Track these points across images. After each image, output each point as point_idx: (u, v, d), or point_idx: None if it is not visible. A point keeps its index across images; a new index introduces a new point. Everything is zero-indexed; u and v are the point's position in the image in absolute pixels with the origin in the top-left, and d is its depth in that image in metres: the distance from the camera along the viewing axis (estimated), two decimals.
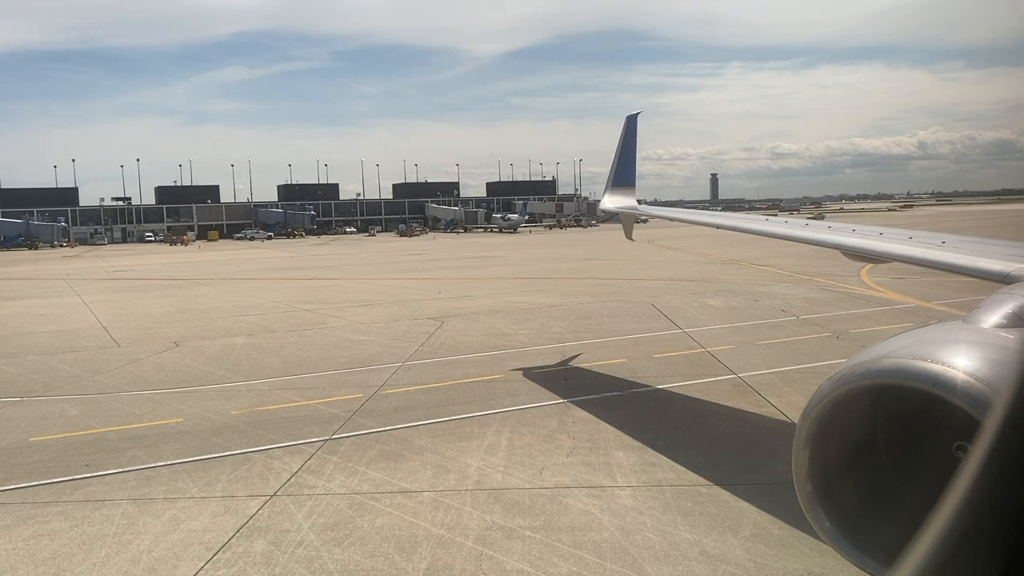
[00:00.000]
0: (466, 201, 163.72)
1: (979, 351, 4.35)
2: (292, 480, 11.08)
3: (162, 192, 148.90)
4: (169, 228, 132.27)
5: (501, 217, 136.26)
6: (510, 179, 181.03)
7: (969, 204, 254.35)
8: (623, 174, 19.87)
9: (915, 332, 5.00)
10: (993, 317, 5.19)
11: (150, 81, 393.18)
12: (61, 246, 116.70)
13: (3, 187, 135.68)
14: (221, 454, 12.41)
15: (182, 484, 11.10)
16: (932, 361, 4.25)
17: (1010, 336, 4.74)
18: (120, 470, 11.78)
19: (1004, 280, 7.33)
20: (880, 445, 5.10)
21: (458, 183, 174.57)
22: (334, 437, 13.09)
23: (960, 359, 4.22)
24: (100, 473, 11.68)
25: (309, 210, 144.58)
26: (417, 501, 10.15)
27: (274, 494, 10.54)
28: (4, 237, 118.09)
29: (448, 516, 9.60)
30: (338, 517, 9.68)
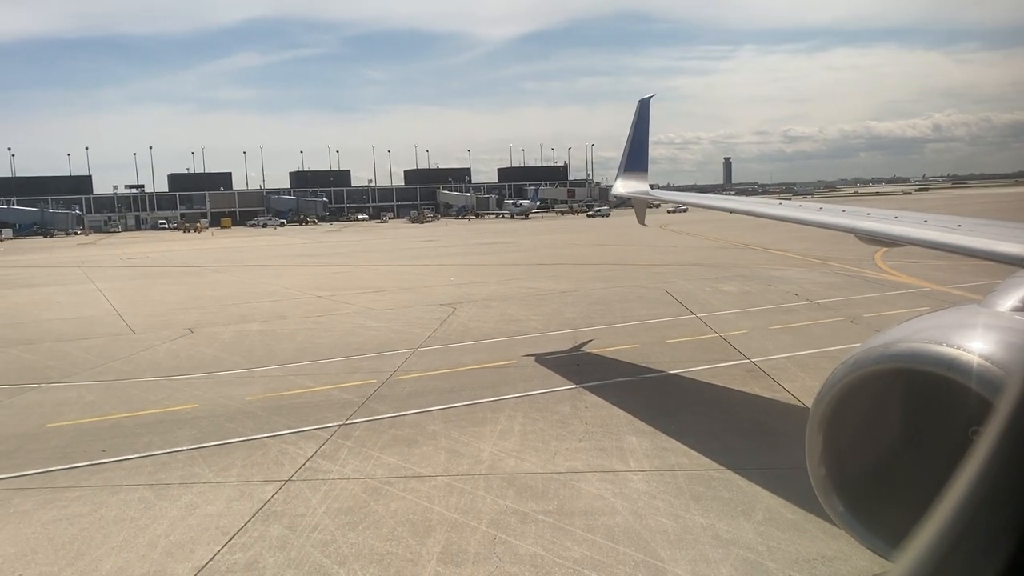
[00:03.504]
0: (478, 187, 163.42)
1: (995, 335, 4.32)
2: (307, 465, 11.15)
3: (175, 179, 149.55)
4: (182, 215, 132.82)
5: (513, 203, 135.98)
6: (522, 165, 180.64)
7: (985, 187, 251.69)
8: (635, 159, 19.78)
9: (930, 316, 4.97)
10: (1010, 301, 5.14)
11: (162, 69, 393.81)
12: (75, 234, 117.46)
13: (18, 175, 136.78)
14: (236, 439, 12.51)
15: (198, 469, 11.20)
16: (947, 345, 4.22)
17: None
18: (137, 455, 11.89)
19: (1021, 264, 7.26)
20: (894, 429, 5.08)
21: (469, 169, 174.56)
22: (348, 422, 13.16)
23: (976, 343, 4.19)
24: (117, 458, 11.79)
25: (321, 197, 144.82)
26: (431, 486, 10.20)
27: (289, 479, 10.62)
28: (20, 225, 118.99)
29: (462, 500, 9.65)
30: (352, 502, 9.75)
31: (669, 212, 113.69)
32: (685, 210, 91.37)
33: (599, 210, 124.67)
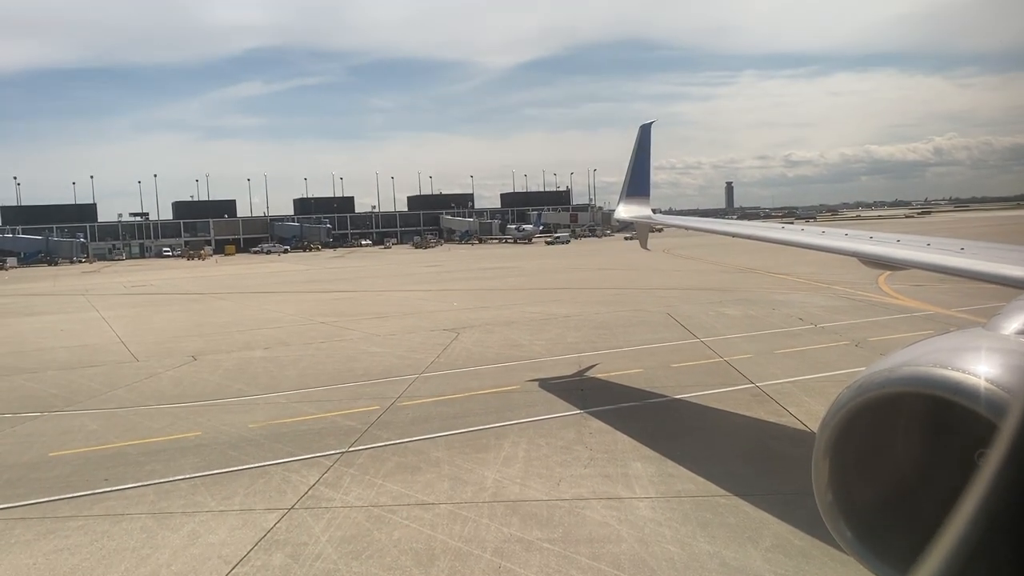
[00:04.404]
0: (480, 212, 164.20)
1: (1000, 358, 4.29)
2: (310, 493, 11.09)
3: (179, 207, 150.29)
4: (186, 243, 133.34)
5: (516, 228, 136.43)
6: (524, 190, 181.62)
7: (988, 210, 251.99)
8: (637, 184, 19.85)
9: (935, 339, 4.95)
10: (1014, 323, 5.12)
11: (167, 98, 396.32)
12: (80, 262, 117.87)
13: (24, 204, 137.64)
14: (239, 467, 12.45)
15: (200, 498, 11.14)
16: (952, 368, 4.20)
17: None
18: (139, 484, 11.84)
19: None
20: (901, 454, 5.04)
21: (472, 194, 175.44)
22: (351, 450, 13.11)
23: (981, 366, 4.17)
24: (119, 487, 11.74)
25: (325, 223, 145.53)
26: (434, 513, 10.13)
27: (292, 507, 10.56)
28: (24, 253, 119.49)
29: (466, 528, 9.58)
30: (356, 530, 9.68)
31: (626, 239, 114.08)
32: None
33: (558, 237, 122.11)
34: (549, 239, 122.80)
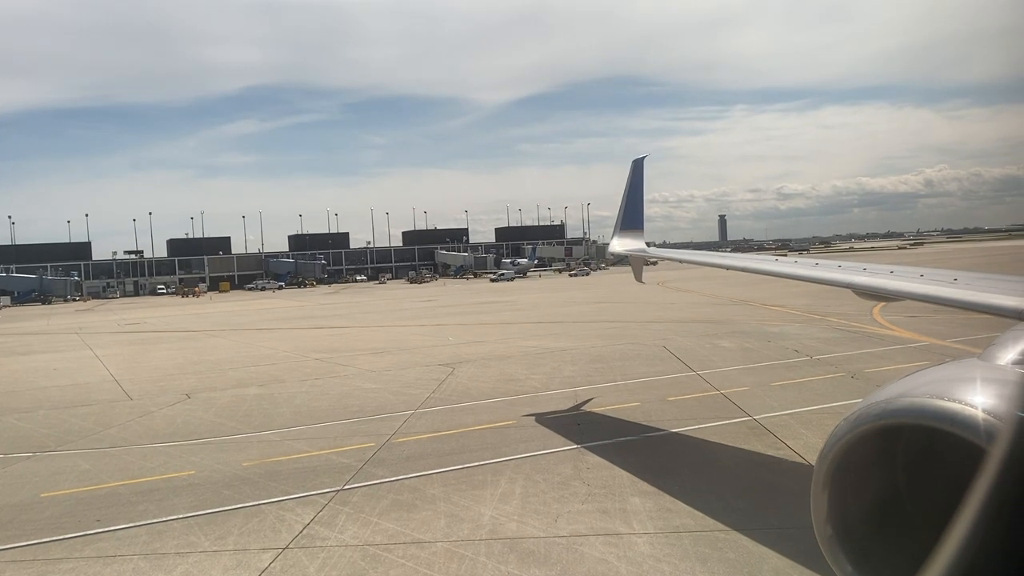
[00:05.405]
0: (475, 247, 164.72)
1: (997, 388, 4.29)
2: (304, 532, 10.96)
3: (174, 244, 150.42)
4: (181, 280, 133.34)
5: (510, 262, 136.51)
6: (519, 224, 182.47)
7: (980, 241, 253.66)
8: (631, 217, 19.99)
9: (931, 370, 4.95)
10: (1010, 353, 5.13)
11: (162, 136, 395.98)
12: (74, 300, 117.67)
13: (18, 243, 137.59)
14: (233, 507, 12.31)
15: (194, 538, 11.00)
16: (949, 399, 4.20)
17: None
18: (132, 524, 11.68)
19: (1019, 316, 7.26)
20: (900, 486, 5.02)
21: (467, 229, 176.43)
22: (346, 487, 12.98)
23: (978, 397, 4.17)
24: (112, 528, 11.58)
25: (320, 259, 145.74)
26: (431, 552, 10.01)
27: (286, 547, 10.43)
28: (18, 292, 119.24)
29: (462, 567, 9.46)
30: (351, 569, 9.55)
31: (571, 275, 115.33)
32: (586, 274, 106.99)
33: (502, 274, 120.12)
34: (494, 276, 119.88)
